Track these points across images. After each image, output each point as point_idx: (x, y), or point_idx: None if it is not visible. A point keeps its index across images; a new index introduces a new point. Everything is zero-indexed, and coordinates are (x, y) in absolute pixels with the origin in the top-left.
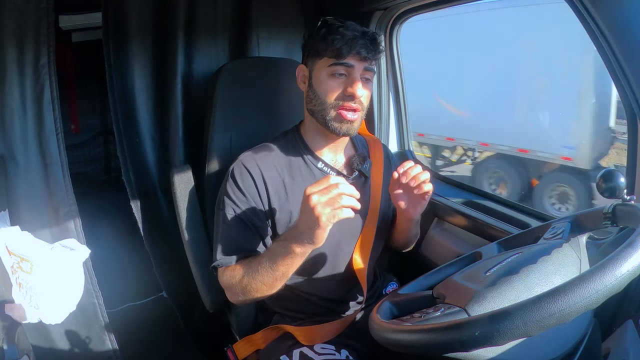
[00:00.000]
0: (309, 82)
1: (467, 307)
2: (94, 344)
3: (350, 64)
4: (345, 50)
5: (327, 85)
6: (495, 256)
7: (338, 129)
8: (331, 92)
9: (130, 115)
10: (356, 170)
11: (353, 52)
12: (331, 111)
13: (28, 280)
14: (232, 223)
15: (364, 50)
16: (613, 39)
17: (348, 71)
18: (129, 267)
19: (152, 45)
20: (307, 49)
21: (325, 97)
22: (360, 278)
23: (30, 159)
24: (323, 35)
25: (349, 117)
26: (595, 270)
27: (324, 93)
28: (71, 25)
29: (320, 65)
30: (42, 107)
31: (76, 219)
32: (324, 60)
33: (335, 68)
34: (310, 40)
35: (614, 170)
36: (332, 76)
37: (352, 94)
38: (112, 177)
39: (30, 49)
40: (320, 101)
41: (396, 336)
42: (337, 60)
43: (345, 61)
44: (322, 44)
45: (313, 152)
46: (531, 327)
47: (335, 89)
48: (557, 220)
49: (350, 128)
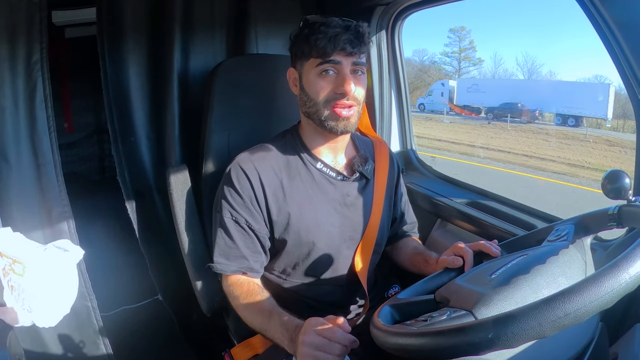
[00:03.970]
0: (300, 85)
1: (474, 310)
2: (88, 349)
3: (337, 61)
4: (330, 48)
5: (317, 85)
6: (498, 259)
7: (335, 128)
8: (322, 92)
9: (125, 114)
10: (357, 171)
11: (338, 48)
12: (325, 111)
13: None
14: (229, 226)
15: (349, 45)
16: (621, 36)
17: (337, 68)
18: (123, 270)
19: (148, 42)
20: (293, 52)
21: (317, 98)
22: (361, 281)
23: (22, 158)
24: (306, 36)
25: (344, 114)
26: (610, 268)
27: (315, 94)
28: (65, 20)
29: (308, 67)
30: (34, 105)
31: (70, 219)
32: (311, 61)
33: (322, 67)
34: (295, 42)
35: (619, 170)
36: (320, 76)
37: (343, 92)
38: (106, 177)
39: (23, 46)
40: (313, 102)
41: (402, 341)
42: (323, 59)
43: (332, 59)
44: (306, 45)
45: (312, 152)
46: (546, 328)
47: (326, 88)
48: (560, 222)
49: (347, 125)
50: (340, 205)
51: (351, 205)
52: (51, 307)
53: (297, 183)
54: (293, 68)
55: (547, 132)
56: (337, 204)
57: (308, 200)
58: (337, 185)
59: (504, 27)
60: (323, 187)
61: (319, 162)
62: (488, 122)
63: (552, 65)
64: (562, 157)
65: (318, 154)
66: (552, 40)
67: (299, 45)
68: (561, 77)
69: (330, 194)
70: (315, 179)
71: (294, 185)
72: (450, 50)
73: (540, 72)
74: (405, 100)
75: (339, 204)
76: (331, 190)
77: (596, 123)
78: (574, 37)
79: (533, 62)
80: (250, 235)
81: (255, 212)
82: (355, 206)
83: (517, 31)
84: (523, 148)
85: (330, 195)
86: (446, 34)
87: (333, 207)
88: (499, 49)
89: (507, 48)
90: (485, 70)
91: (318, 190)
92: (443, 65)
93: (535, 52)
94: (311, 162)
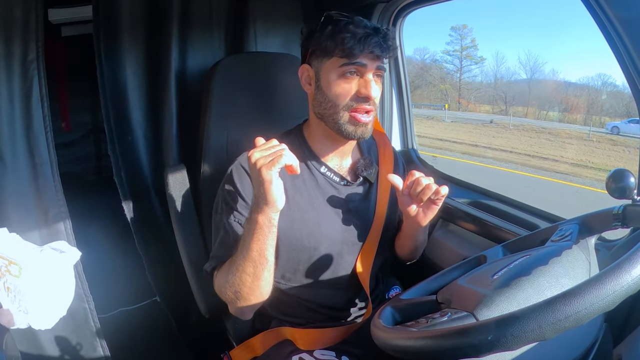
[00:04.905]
0: (316, 84)
1: (475, 312)
2: (85, 351)
3: (363, 64)
4: (358, 50)
5: (338, 87)
6: (501, 259)
7: (353, 133)
8: (343, 94)
9: (122, 113)
10: (360, 176)
11: (366, 50)
12: (344, 114)
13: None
14: (229, 229)
15: (378, 48)
16: (626, 35)
17: (360, 71)
18: (121, 271)
19: (145, 40)
20: (309, 48)
21: (337, 100)
22: (363, 285)
23: (18, 158)
24: (330, 33)
25: (363, 120)
26: (611, 270)
27: (335, 96)
28: (61, 19)
29: (329, 66)
30: (30, 104)
31: (66, 220)
32: (334, 60)
33: (346, 68)
34: (313, 38)
35: (624, 169)
36: (343, 77)
37: (366, 96)
38: (103, 177)
39: (18, 44)
40: (331, 104)
41: (403, 342)
42: (349, 60)
43: (358, 60)
44: (330, 42)
45: (317, 156)
46: (547, 330)
47: (348, 91)
48: (564, 222)
49: (365, 131)
50: (343, 211)
51: (354, 210)
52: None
53: (300, 187)
54: (308, 65)
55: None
56: (340, 210)
57: (311, 204)
58: (341, 190)
59: (506, 25)
60: (326, 192)
61: (323, 166)
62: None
63: (555, 64)
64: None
65: (323, 157)
66: (555, 40)
67: (320, 41)
68: (564, 76)
69: (334, 199)
70: (319, 183)
71: (296, 189)
72: (452, 48)
73: (543, 71)
74: (407, 98)
75: (342, 210)
76: (335, 196)
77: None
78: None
79: (536, 60)
80: None
81: None
82: (358, 211)
83: (519, 30)
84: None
85: (333, 200)
86: (448, 32)
87: (336, 213)
88: (501, 47)
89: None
90: (487, 69)
91: (321, 195)
92: (444, 63)
93: (538, 51)
94: (315, 166)
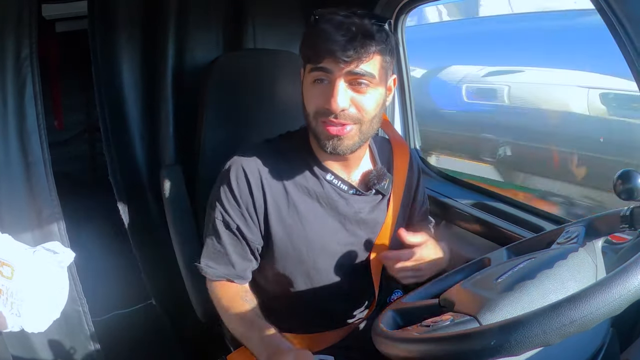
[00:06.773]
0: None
1: (479, 316)
2: (79, 355)
3: (327, 69)
4: (322, 52)
5: (309, 94)
6: (505, 262)
7: (326, 146)
8: (312, 103)
9: (118, 111)
10: (373, 189)
11: (327, 53)
12: (317, 124)
13: (9, 286)
14: (220, 230)
15: (340, 50)
16: (633, 32)
17: (328, 77)
18: (115, 273)
19: (141, 36)
20: (300, 51)
21: (308, 108)
22: (365, 295)
23: (10, 157)
24: (306, 34)
25: (333, 132)
26: (618, 274)
27: (306, 103)
28: (55, 14)
29: (306, 70)
30: (23, 102)
31: (60, 221)
32: (307, 66)
33: (314, 75)
34: (303, 39)
35: (632, 170)
36: (314, 84)
37: (325, 107)
38: (98, 177)
39: (11, 41)
40: (305, 113)
41: (404, 347)
42: (313, 65)
43: (322, 65)
44: (303, 45)
45: (320, 162)
46: (551, 335)
47: (315, 99)
48: (571, 224)
49: (339, 145)
50: (350, 222)
51: (362, 222)
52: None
53: (304, 193)
54: (302, 68)
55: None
56: (347, 221)
57: (313, 213)
58: (349, 199)
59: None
60: (332, 201)
61: (329, 174)
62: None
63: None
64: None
65: (328, 165)
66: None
67: (301, 45)
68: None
69: (340, 209)
70: (325, 191)
71: (299, 196)
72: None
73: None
74: (409, 97)
75: (349, 221)
76: (341, 205)
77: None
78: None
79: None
80: (241, 242)
81: (249, 220)
82: (366, 223)
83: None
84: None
85: (339, 210)
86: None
87: (341, 224)
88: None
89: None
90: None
91: (326, 204)
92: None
93: None
94: (320, 173)
